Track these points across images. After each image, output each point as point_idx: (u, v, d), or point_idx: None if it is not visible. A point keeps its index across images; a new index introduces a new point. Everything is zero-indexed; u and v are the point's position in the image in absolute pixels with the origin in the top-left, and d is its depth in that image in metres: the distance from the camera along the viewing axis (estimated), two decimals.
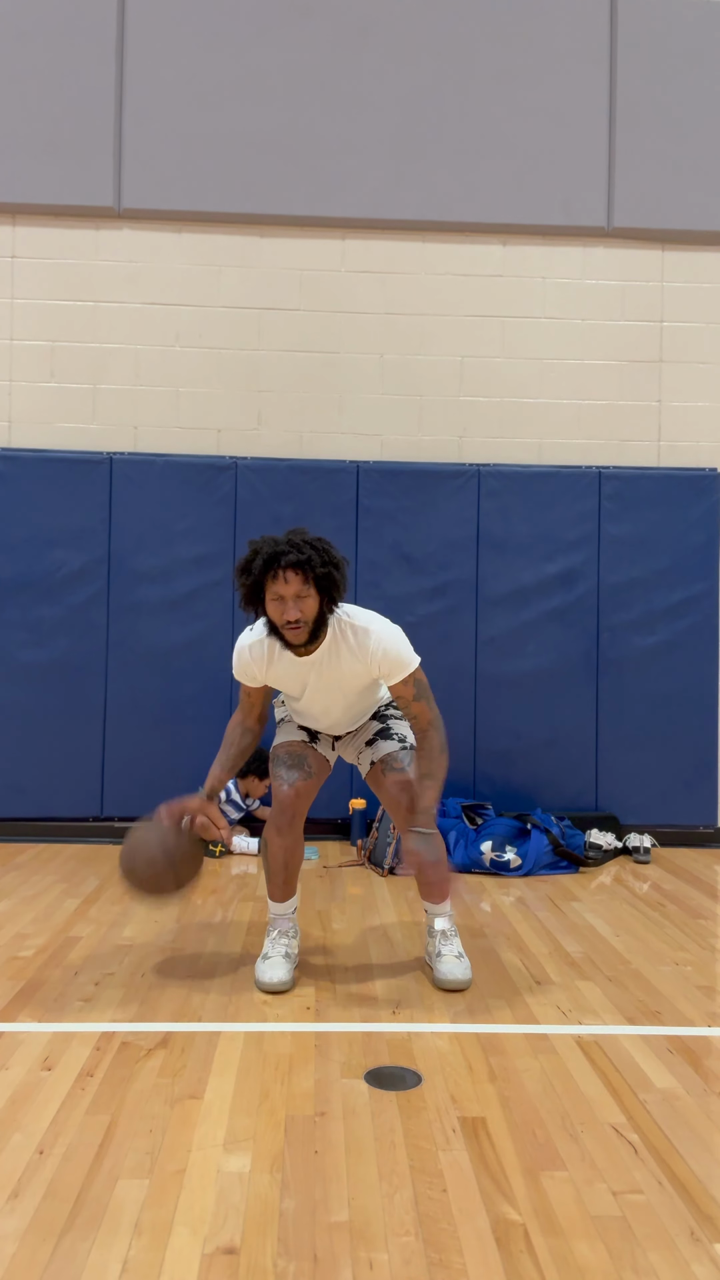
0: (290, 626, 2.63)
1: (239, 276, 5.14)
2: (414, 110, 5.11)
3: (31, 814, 4.86)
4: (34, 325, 5.08)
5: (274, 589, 2.61)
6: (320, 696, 2.83)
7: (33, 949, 3.16)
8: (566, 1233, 1.70)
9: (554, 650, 5.04)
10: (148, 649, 4.92)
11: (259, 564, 2.60)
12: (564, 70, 5.15)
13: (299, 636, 2.65)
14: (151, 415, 5.11)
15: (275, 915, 3.00)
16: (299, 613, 2.61)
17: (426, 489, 5.00)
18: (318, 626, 2.67)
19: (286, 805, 2.88)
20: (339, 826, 4.96)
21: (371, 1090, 2.22)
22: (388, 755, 2.91)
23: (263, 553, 2.60)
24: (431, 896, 2.97)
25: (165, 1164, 1.90)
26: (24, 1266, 1.59)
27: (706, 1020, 2.67)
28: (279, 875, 2.96)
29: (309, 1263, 1.61)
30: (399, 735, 2.97)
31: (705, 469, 5.15)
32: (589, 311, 5.25)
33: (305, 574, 2.60)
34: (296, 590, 2.60)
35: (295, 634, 2.65)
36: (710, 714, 5.08)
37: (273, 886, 2.98)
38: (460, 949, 2.96)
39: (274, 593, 2.61)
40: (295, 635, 2.65)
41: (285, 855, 2.93)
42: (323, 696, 2.83)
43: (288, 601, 2.60)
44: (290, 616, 2.60)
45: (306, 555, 2.59)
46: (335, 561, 2.65)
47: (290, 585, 2.59)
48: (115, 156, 5.04)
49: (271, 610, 2.65)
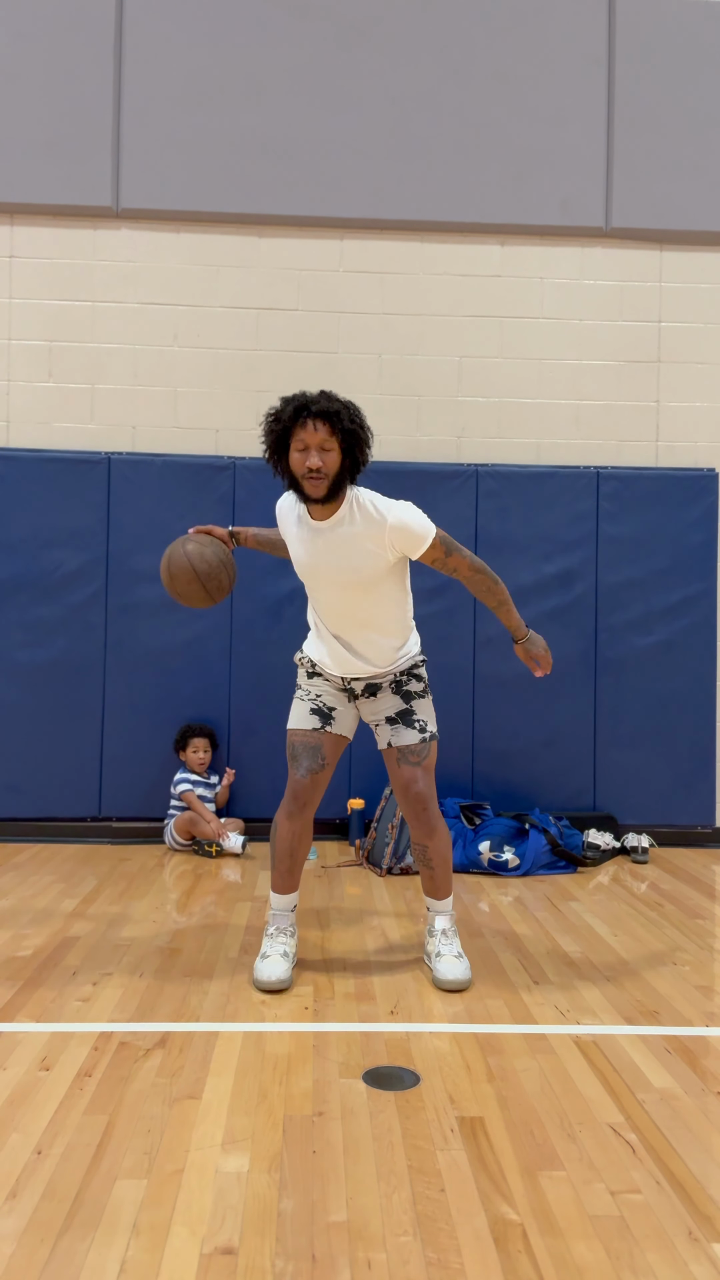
0: (311, 476, 2.65)
1: (237, 276, 5.14)
2: (412, 110, 5.11)
3: (29, 814, 4.86)
4: (32, 325, 5.08)
5: (300, 437, 2.65)
6: (332, 575, 2.78)
7: (31, 949, 3.16)
8: (564, 1232, 1.70)
9: (552, 650, 5.01)
10: (146, 649, 4.92)
11: (289, 411, 2.65)
12: (562, 71, 5.15)
13: (318, 489, 2.66)
14: (150, 415, 5.10)
15: (275, 912, 3.00)
16: (320, 462, 2.63)
17: (424, 489, 5.00)
18: (337, 485, 2.69)
19: (301, 792, 2.90)
20: (337, 826, 4.96)
21: (370, 1090, 2.22)
22: (406, 747, 2.91)
23: (294, 401, 2.66)
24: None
25: (163, 1164, 1.90)
26: (22, 1267, 1.59)
27: (704, 1020, 2.67)
28: (284, 862, 2.96)
29: (307, 1263, 1.61)
30: (421, 723, 2.93)
31: (703, 469, 5.15)
32: (587, 312, 5.25)
33: (332, 426, 2.64)
34: (321, 440, 2.64)
35: (314, 485, 2.66)
36: (708, 714, 5.08)
37: (276, 875, 2.98)
38: (460, 949, 2.96)
39: (300, 441, 2.65)
40: (314, 487, 2.66)
41: (293, 841, 2.93)
42: (334, 577, 2.78)
43: (311, 450, 2.64)
44: (312, 464, 2.63)
45: (336, 408, 2.65)
46: (363, 423, 2.71)
47: (316, 434, 2.63)
48: (113, 156, 5.04)
49: (294, 460, 2.68)
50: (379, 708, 2.96)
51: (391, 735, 2.93)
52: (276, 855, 2.97)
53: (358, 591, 2.80)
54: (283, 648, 4.82)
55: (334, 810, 4.89)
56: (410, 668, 2.96)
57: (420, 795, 2.91)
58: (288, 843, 2.94)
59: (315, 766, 2.92)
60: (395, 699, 2.94)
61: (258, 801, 4.86)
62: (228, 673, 4.95)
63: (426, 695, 2.98)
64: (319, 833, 4.90)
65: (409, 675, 2.96)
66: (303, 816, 2.93)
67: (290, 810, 2.93)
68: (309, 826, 2.95)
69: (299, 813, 2.92)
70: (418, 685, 2.96)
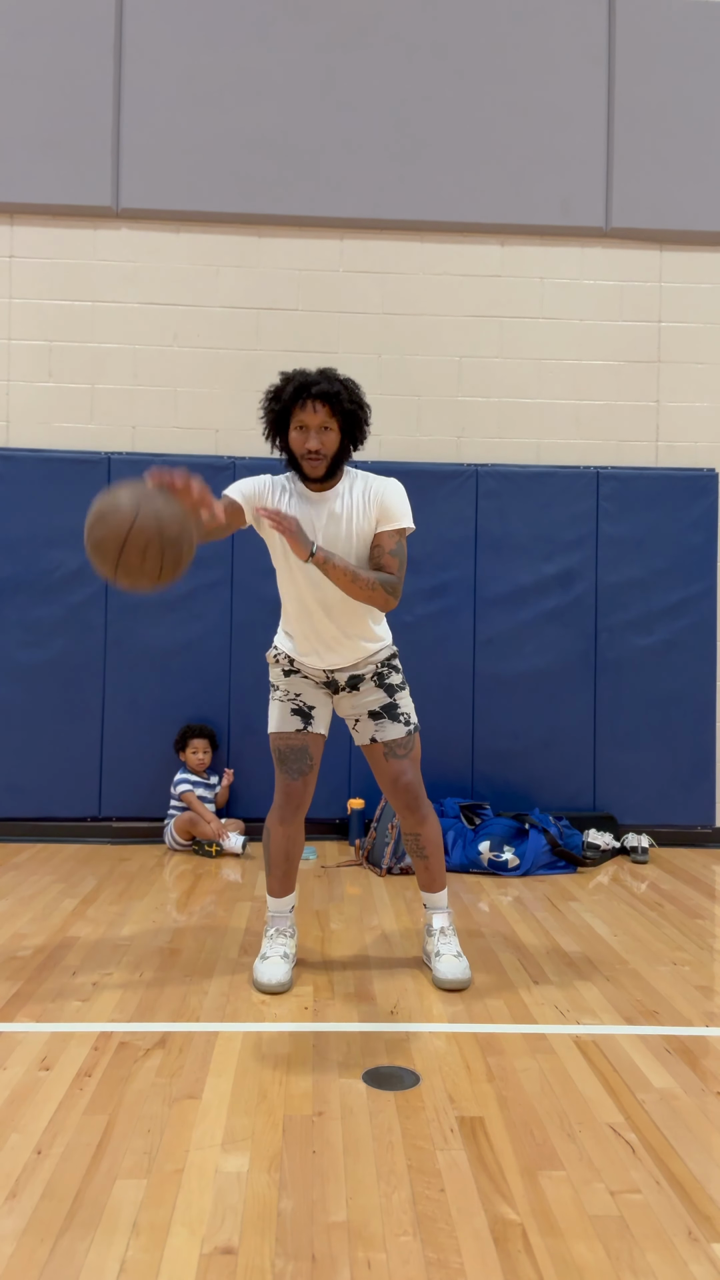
0: (310, 456, 2.67)
1: (237, 276, 5.14)
2: (412, 110, 5.11)
3: (29, 814, 4.85)
4: (32, 325, 5.08)
5: (300, 417, 2.66)
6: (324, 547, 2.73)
7: (31, 949, 3.16)
8: (564, 1232, 1.70)
9: (552, 650, 5.04)
10: (145, 649, 4.92)
11: (289, 390, 2.66)
12: (562, 71, 5.15)
13: (317, 469, 2.68)
14: (149, 415, 5.10)
15: (274, 914, 3.00)
16: (320, 443, 2.65)
17: (425, 489, 5.00)
18: (335, 464, 2.71)
19: (294, 794, 2.89)
20: (337, 826, 4.96)
21: (369, 1090, 2.22)
22: (393, 741, 2.90)
23: (294, 380, 2.67)
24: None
25: (163, 1164, 1.90)
26: (22, 1267, 1.59)
27: (704, 1020, 2.67)
28: (279, 866, 2.95)
29: (307, 1262, 1.61)
30: (405, 716, 2.93)
31: (703, 469, 5.15)
32: (587, 312, 5.25)
33: (332, 407, 2.65)
34: (322, 421, 2.65)
35: (313, 465, 2.68)
36: (708, 714, 5.08)
37: (272, 879, 2.98)
38: (459, 948, 2.96)
39: (299, 421, 2.67)
40: (313, 467, 2.68)
41: (287, 845, 2.93)
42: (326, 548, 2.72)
43: (311, 431, 2.65)
44: (311, 446, 2.65)
45: (336, 389, 2.66)
46: (362, 403, 2.72)
47: (317, 415, 2.64)
48: (113, 156, 5.03)
49: (294, 440, 2.69)
50: (361, 702, 2.93)
51: (376, 730, 2.92)
52: (272, 860, 2.96)
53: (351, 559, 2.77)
54: None
55: (334, 810, 4.89)
56: (388, 657, 2.95)
57: (410, 786, 2.91)
58: (282, 847, 2.94)
59: (305, 768, 2.90)
60: (379, 693, 2.92)
61: (257, 802, 4.85)
62: (227, 672, 4.95)
63: (405, 686, 2.98)
64: (319, 832, 4.90)
65: (388, 666, 2.94)
66: (295, 819, 2.92)
67: (283, 814, 2.91)
68: (301, 829, 2.95)
69: (292, 816, 2.91)
70: (397, 677, 2.96)
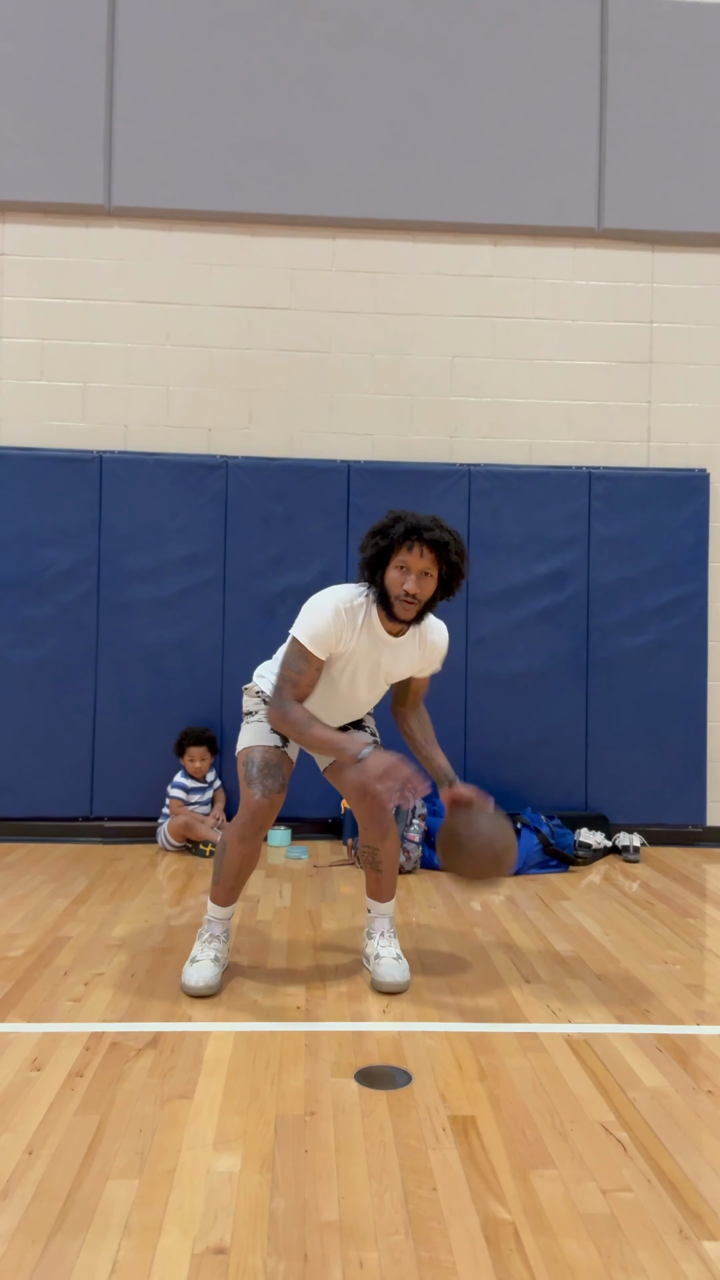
0: (405, 599, 2.65)
1: (230, 275, 5.14)
2: (405, 110, 5.11)
3: (21, 814, 4.84)
4: (24, 323, 5.07)
5: (404, 558, 2.65)
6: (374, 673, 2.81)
7: (22, 949, 3.15)
8: (556, 1231, 1.71)
9: (544, 650, 5.05)
10: (138, 648, 4.91)
11: (400, 529, 2.65)
12: (555, 71, 5.16)
13: (409, 612, 2.67)
14: (142, 414, 5.10)
15: (211, 919, 2.93)
16: (418, 588, 2.64)
17: (417, 489, 5.01)
18: (425, 610, 2.72)
19: (259, 814, 2.78)
20: (329, 826, 4.96)
21: (361, 1089, 2.22)
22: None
23: (407, 520, 2.66)
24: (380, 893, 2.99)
25: (155, 1164, 1.90)
26: (12, 1268, 1.59)
27: (695, 1018, 2.68)
28: (230, 880, 2.86)
29: (299, 1262, 1.61)
30: (371, 731, 3.03)
31: (695, 470, 5.17)
32: (579, 312, 5.26)
33: (438, 554, 2.65)
34: (425, 567, 2.64)
35: (406, 608, 2.67)
36: (699, 714, 5.10)
37: (220, 889, 2.88)
38: (399, 950, 2.95)
39: (402, 561, 2.65)
40: (405, 609, 2.67)
41: (242, 863, 2.84)
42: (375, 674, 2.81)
43: (412, 574, 2.64)
44: (410, 589, 2.63)
45: (446, 539, 2.65)
46: (465, 557, 2.72)
47: (422, 560, 2.64)
48: (106, 154, 5.02)
49: (391, 578, 2.67)
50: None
51: None
52: (224, 873, 2.86)
53: (383, 687, 2.89)
54: (276, 646, 4.82)
55: (327, 810, 4.89)
56: None
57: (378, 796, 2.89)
58: (237, 865, 2.84)
59: (275, 788, 2.82)
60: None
61: None
62: (220, 671, 4.94)
63: (371, 715, 3.08)
64: (312, 832, 4.90)
65: None
66: (255, 840, 2.82)
67: (244, 833, 2.80)
68: (259, 851, 2.86)
69: (253, 837, 2.81)
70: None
